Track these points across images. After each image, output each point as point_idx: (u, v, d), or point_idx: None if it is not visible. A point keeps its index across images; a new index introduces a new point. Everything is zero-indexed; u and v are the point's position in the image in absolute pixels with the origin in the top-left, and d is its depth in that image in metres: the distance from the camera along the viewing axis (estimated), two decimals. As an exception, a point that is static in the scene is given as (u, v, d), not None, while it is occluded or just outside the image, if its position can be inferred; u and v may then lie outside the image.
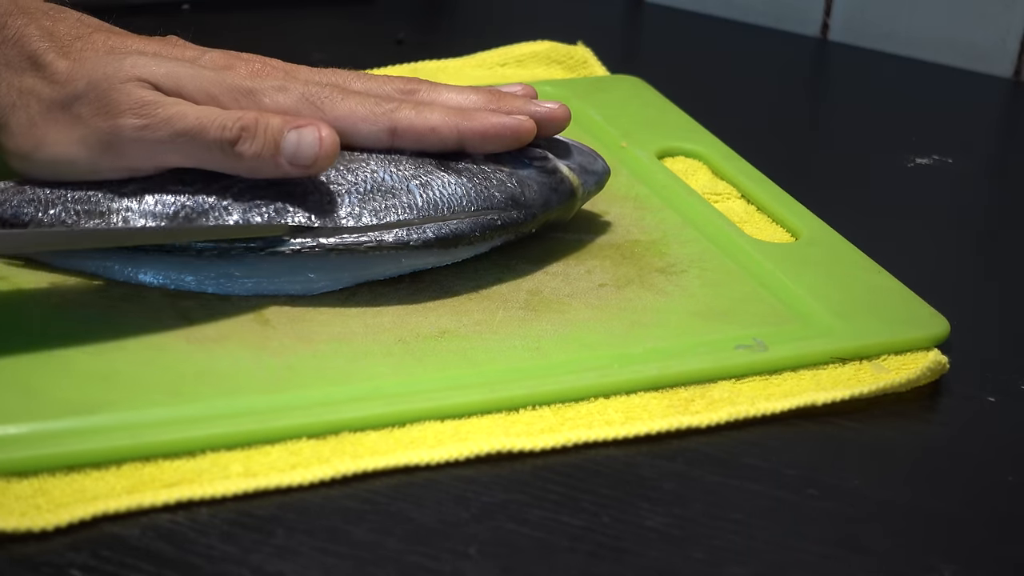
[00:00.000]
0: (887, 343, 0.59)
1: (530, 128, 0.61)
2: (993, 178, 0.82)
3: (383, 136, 0.60)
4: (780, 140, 0.83)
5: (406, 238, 0.58)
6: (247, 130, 0.57)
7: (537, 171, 0.62)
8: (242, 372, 0.54)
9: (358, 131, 0.60)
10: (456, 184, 0.60)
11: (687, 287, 0.62)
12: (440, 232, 0.59)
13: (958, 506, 0.52)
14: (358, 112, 0.60)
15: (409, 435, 0.52)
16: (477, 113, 0.61)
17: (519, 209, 0.61)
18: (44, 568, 0.46)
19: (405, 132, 0.60)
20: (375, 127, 0.60)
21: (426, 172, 0.60)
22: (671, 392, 0.56)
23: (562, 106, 0.63)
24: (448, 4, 1.00)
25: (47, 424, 0.50)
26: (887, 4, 0.93)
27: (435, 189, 0.59)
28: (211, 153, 0.57)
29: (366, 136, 0.60)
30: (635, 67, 0.85)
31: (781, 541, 0.50)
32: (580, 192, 0.64)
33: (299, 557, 0.47)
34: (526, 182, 0.61)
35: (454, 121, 0.60)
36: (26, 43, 0.58)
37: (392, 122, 0.60)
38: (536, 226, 0.62)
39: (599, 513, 0.50)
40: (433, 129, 0.60)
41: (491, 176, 0.61)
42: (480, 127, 0.61)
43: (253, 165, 0.57)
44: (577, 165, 0.64)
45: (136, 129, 0.57)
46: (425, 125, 0.60)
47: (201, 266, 0.58)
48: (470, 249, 0.61)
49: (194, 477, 0.49)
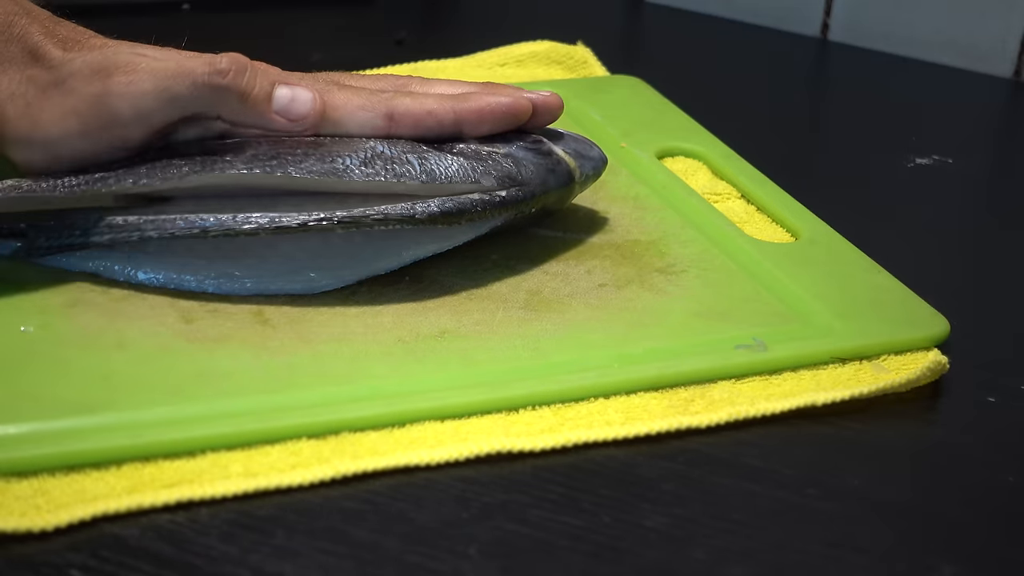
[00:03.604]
0: (887, 343, 0.59)
1: (526, 106, 0.62)
2: (993, 178, 0.82)
3: (380, 122, 0.60)
4: (780, 140, 0.83)
5: (411, 211, 0.58)
6: (238, 64, 0.58)
7: (533, 153, 0.62)
8: (242, 372, 0.54)
9: (355, 118, 0.60)
10: (454, 162, 0.60)
11: (687, 287, 0.62)
12: (444, 206, 0.59)
13: (958, 506, 0.52)
14: (355, 101, 0.60)
15: (409, 435, 0.52)
16: (472, 95, 0.62)
17: (517, 186, 0.61)
18: (44, 568, 0.46)
19: (402, 117, 0.60)
20: (372, 113, 0.60)
21: (423, 151, 0.60)
22: (671, 392, 0.56)
23: (555, 95, 0.64)
24: (448, 4, 1.00)
25: (47, 424, 0.50)
26: (887, 4, 0.93)
27: (434, 165, 0.60)
28: (198, 93, 0.57)
29: (363, 123, 0.60)
30: (635, 67, 0.85)
31: (781, 541, 0.50)
32: (577, 175, 0.64)
33: (299, 557, 0.47)
34: (522, 162, 0.62)
35: (450, 103, 0.61)
36: (29, 39, 0.59)
37: (389, 108, 0.60)
38: (536, 206, 0.62)
39: (599, 513, 0.50)
40: (430, 112, 0.60)
41: (487, 157, 0.61)
42: (476, 106, 0.61)
43: (239, 107, 0.58)
44: (572, 150, 0.64)
45: (124, 84, 0.57)
46: (422, 109, 0.60)
47: (201, 266, 0.58)
48: (472, 228, 0.60)
49: (194, 477, 0.49)
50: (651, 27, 0.99)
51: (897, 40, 0.93)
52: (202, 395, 0.52)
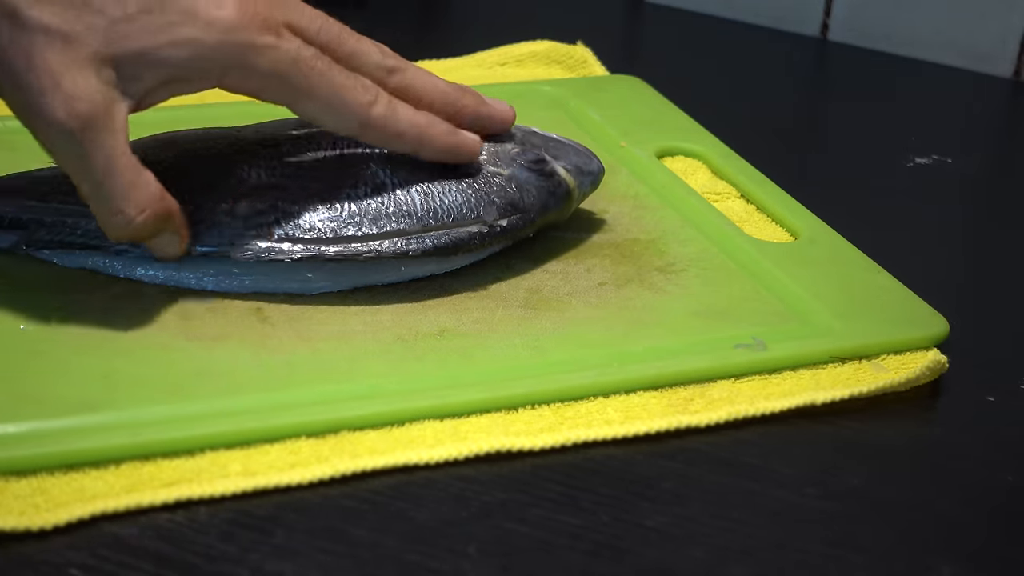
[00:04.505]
0: (887, 343, 0.59)
1: (477, 149, 0.62)
2: (993, 178, 0.82)
3: (353, 127, 0.59)
4: (780, 140, 0.83)
5: (405, 248, 0.58)
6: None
7: (536, 175, 0.62)
8: (241, 370, 0.54)
9: (331, 114, 0.58)
10: (457, 191, 0.60)
11: (686, 286, 0.62)
12: (439, 241, 0.59)
13: (958, 506, 0.52)
14: (337, 99, 0.58)
15: (408, 434, 0.52)
16: (436, 131, 0.61)
17: (518, 214, 0.61)
18: (43, 567, 0.46)
19: (371, 130, 0.59)
20: (347, 119, 0.59)
21: (427, 177, 0.60)
22: (670, 391, 0.56)
23: (510, 108, 0.65)
24: (441, 5, 1.00)
25: (46, 423, 0.50)
26: (887, 4, 0.93)
27: (436, 196, 0.60)
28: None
29: (337, 122, 0.59)
30: (635, 67, 0.85)
31: (781, 540, 0.50)
32: (576, 194, 0.64)
33: (298, 556, 0.47)
34: (525, 187, 0.62)
35: (416, 133, 0.60)
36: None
37: (366, 118, 0.59)
38: (533, 231, 0.63)
39: (598, 512, 0.50)
40: (399, 135, 0.60)
41: (491, 181, 0.61)
42: (439, 145, 0.61)
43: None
44: (573, 167, 0.64)
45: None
46: (394, 130, 0.59)
47: (200, 263, 0.58)
48: (469, 257, 0.61)
49: (193, 476, 0.49)
50: (651, 27, 0.99)
51: (897, 40, 0.93)
52: (201, 393, 0.52)
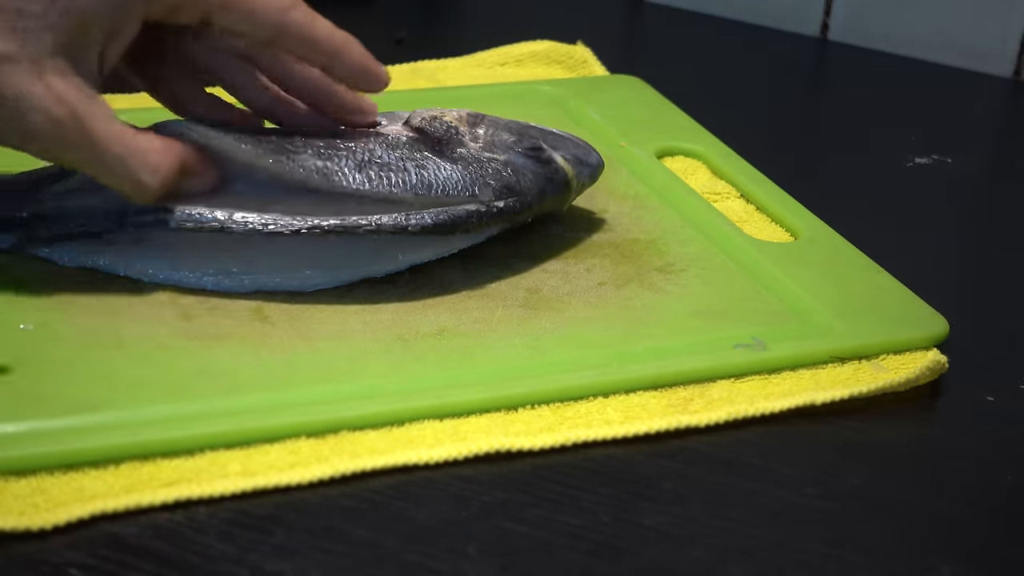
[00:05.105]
0: (886, 343, 0.59)
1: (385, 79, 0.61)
2: (993, 178, 0.82)
3: (270, 31, 0.58)
4: (780, 140, 0.83)
5: (404, 223, 0.58)
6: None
7: (532, 161, 0.62)
8: (241, 370, 0.54)
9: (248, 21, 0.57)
10: (452, 170, 0.60)
11: (686, 286, 0.62)
12: (438, 218, 0.59)
13: (958, 506, 0.52)
14: (256, 2, 0.57)
15: (408, 434, 0.52)
16: (354, 48, 0.60)
17: (514, 197, 0.61)
18: (42, 567, 0.46)
19: (289, 36, 0.58)
20: (263, 22, 0.57)
21: (422, 156, 0.60)
22: (670, 391, 0.56)
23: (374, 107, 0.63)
24: (448, 3, 1.00)
25: (45, 423, 0.50)
26: (887, 4, 0.93)
27: (430, 171, 0.60)
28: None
29: (253, 28, 0.57)
30: (635, 67, 0.85)
31: (780, 541, 0.50)
32: (574, 183, 0.64)
33: (298, 556, 0.47)
34: (521, 171, 0.62)
35: (333, 44, 0.59)
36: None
37: (283, 21, 0.58)
38: (532, 215, 0.62)
39: (598, 512, 0.50)
40: (315, 41, 0.58)
41: (486, 165, 0.61)
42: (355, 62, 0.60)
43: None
44: (572, 156, 0.64)
45: None
46: (310, 34, 0.58)
47: (199, 261, 0.58)
48: (466, 239, 0.61)
49: (192, 476, 0.49)
50: (651, 27, 0.99)
51: (897, 40, 0.93)
52: (201, 393, 0.52)
